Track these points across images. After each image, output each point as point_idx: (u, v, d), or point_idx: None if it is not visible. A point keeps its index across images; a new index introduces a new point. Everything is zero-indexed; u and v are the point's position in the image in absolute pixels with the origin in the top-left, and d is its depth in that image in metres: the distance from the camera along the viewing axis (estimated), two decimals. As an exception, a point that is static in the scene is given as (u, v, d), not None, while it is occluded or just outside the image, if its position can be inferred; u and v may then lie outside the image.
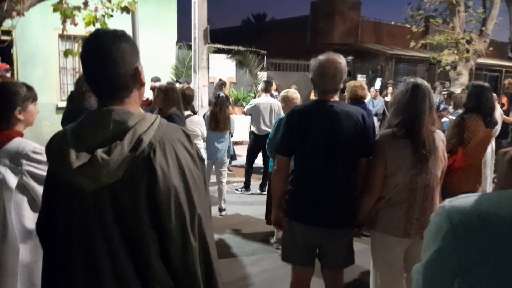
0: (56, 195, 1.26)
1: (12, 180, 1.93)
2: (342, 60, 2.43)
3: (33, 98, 2.12)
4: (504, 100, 7.50)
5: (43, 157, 1.97)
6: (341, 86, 2.46)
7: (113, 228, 1.19)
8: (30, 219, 1.99)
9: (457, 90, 10.41)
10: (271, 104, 6.38)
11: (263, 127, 6.33)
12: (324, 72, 2.39)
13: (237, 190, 6.68)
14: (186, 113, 4.39)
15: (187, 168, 1.24)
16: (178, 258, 1.21)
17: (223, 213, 5.56)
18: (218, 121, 5.26)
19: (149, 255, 1.20)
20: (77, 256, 1.22)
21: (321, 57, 2.43)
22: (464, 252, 0.74)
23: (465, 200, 0.79)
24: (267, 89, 6.60)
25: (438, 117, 6.46)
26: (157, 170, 1.17)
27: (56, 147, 1.23)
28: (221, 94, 5.57)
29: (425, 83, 2.46)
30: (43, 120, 8.17)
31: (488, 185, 5.39)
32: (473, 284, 0.73)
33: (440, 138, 2.53)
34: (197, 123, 4.46)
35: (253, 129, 6.50)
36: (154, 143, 1.19)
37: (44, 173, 1.93)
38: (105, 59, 1.23)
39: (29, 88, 2.12)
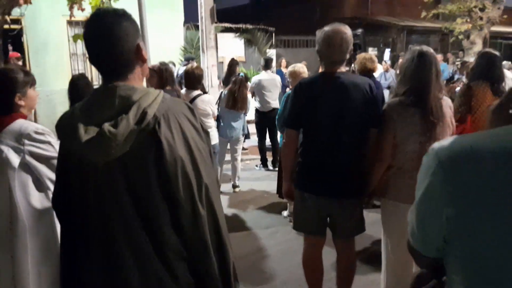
0: (69, 170, 1.31)
1: (15, 159, 1.96)
2: (348, 30, 2.42)
3: (31, 82, 2.13)
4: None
5: (45, 138, 2.01)
6: (348, 56, 2.46)
7: (126, 200, 1.24)
8: (36, 198, 2.03)
9: (471, 59, 10.21)
10: (273, 80, 6.51)
11: (267, 104, 6.41)
12: (331, 42, 2.38)
13: (256, 166, 6.82)
14: (196, 92, 4.42)
15: (192, 140, 1.28)
16: (189, 226, 1.26)
17: (237, 189, 5.66)
18: (236, 100, 5.30)
19: (161, 225, 1.25)
20: (93, 228, 1.27)
21: (326, 28, 2.42)
22: (451, 183, 0.82)
23: (452, 139, 0.87)
24: (267, 65, 6.73)
25: (451, 88, 6.35)
26: (163, 143, 1.21)
27: (65, 124, 1.28)
28: (241, 74, 5.63)
29: (431, 50, 2.44)
30: (58, 106, 8.29)
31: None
32: (460, 211, 0.81)
33: (448, 104, 2.53)
34: (208, 102, 4.50)
35: (257, 106, 6.56)
36: (159, 116, 1.23)
37: (47, 153, 2.00)
38: (108, 37, 1.26)
39: (26, 73, 2.12)
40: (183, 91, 4.42)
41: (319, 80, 2.48)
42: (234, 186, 5.67)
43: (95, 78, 8.88)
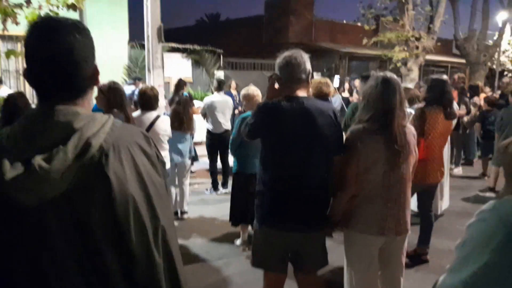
0: None
1: None
2: (305, 55, 2.39)
3: None
4: (455, 94, 7.78)
5: None
6: (304, 77, 2.35)
7: (64, 250, 1.02)
8: None
9: (409, 85, 10.70)
10: (225, 102, 6.44)
11: (219, 125, 6.29)
12: (290, 61, 2.31)
13: (206, 190, 6.52)
14: (155, 113, 4.23)
15: (147, 175, 1.09)
16: (142, 277, 1.07)
17: (185, 216, 5.36)
18: (181, 121, 5.09)
19: (108, 277, 1.05)
20: (21, 285, 1.03)
21: (285, 52, 2.38)
22: None
23: None
24: (220, 87, 6.63)
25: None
26: (111, 179, 1.01)
27: None
28: (185, 93, 5.44)
29: (395, 76, 2.41)
30: (-15, 127, 7.59)
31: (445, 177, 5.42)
32: None
33: (411, 132, 2.50)
34: (167, 123, 4.33)
35: (209, 127, 6.39)
36: (106, 148, 1.03)
37: None
38: (67, 58, 1.05)
39: None
40: (137, 113, 4.16)
41: (284, 105, 2.29)
42: (183, 213, 5.37)
43: (30, 97, 8.26)
